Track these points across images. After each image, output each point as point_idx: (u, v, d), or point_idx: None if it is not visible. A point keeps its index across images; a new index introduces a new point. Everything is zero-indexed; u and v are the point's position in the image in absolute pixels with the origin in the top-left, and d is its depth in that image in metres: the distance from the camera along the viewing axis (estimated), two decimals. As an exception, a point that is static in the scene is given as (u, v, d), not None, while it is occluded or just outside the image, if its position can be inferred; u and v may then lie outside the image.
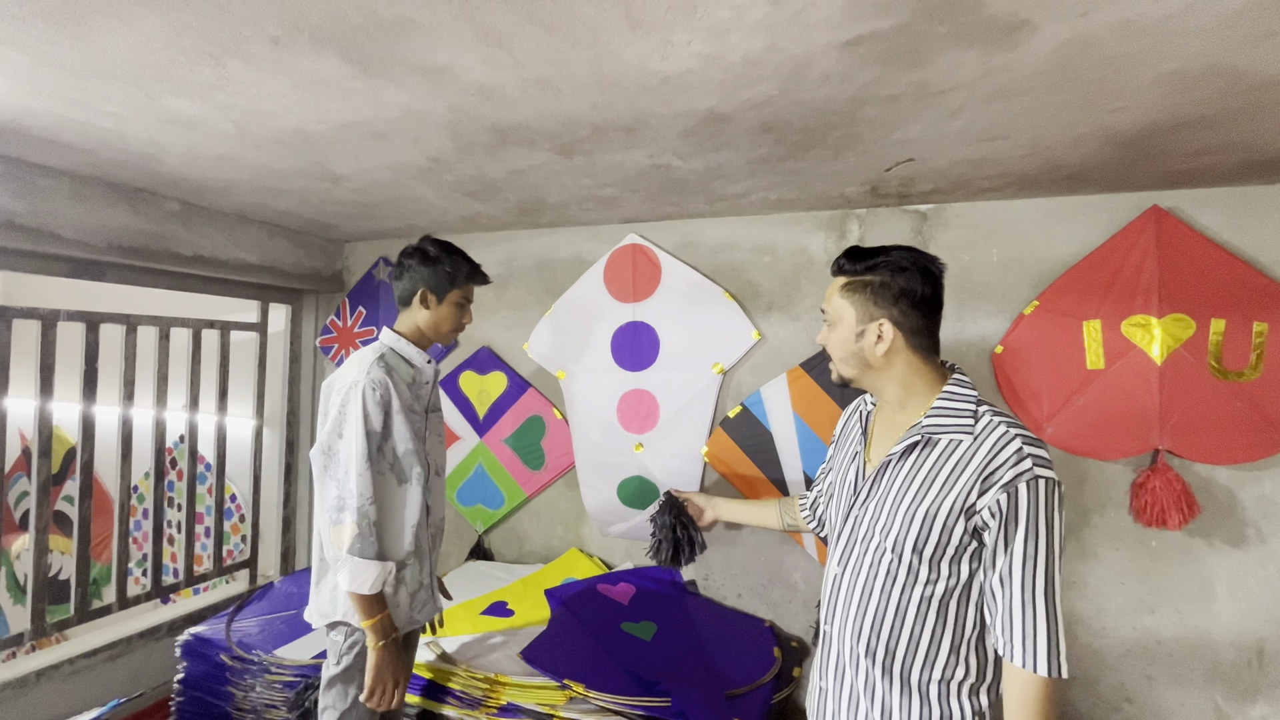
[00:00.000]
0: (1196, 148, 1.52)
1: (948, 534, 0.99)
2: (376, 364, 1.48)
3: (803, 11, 0.99)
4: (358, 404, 1.43)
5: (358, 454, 1.41)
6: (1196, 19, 0.99)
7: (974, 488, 0.98)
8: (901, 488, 1.05)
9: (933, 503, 1.01)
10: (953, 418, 1.04)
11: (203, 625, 2.30)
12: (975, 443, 1.00)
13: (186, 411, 2.53)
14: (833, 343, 1.14)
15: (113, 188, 1.97)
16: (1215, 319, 1.81)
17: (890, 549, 1.05)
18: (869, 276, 1.09)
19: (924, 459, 1.04)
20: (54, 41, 1.11)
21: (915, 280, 1.07)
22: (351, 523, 1.40)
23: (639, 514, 2.36)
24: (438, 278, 1.59)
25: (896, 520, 1.04)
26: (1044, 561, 0.94)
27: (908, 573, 1.03)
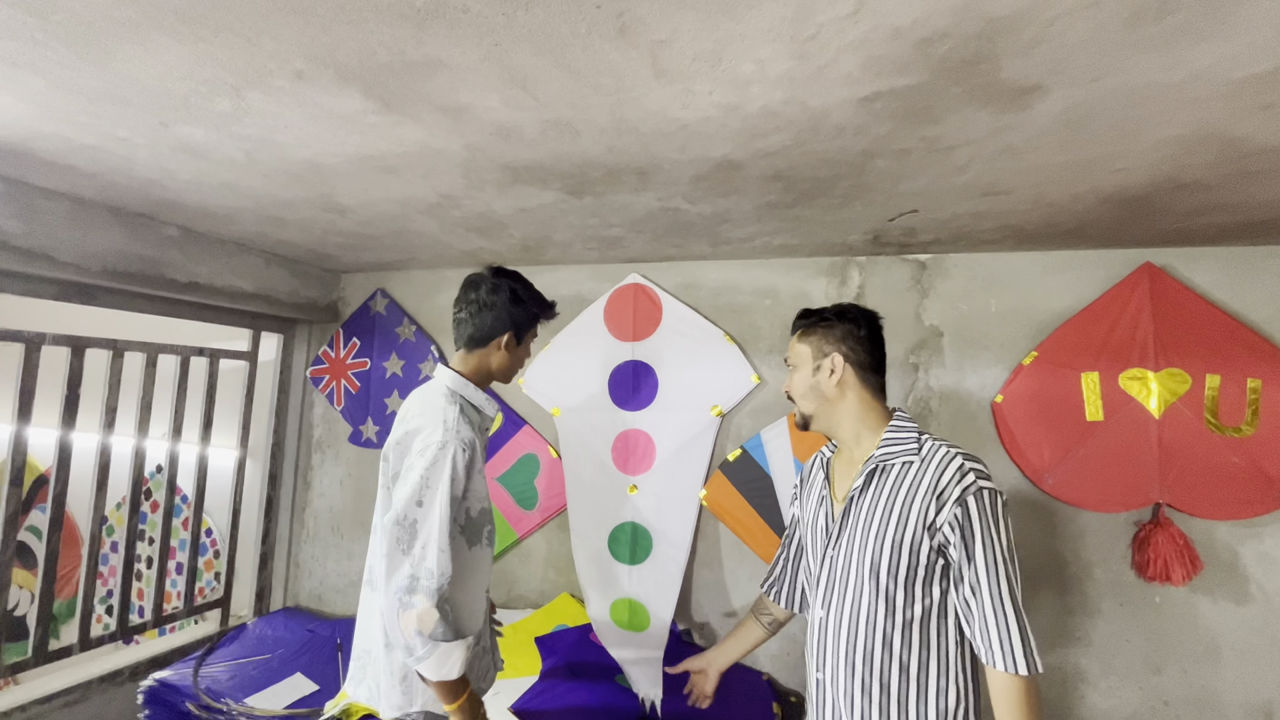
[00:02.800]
0: (1191, 208, 1.57)
1: (916, 555, 1.08)
2: (462, 420, 1.29)
3: (825, 68, 1.01)
4: (446, 468, 1.23)
5: (441, 527, 1.22)
6: (1200, 89, 1.04)
7: (929, 506, 1.08)
8: (868, 518, 1.14)
9: (897, 526, 1.10)
10: (900, 445, 1.16)
11: (168, 670, 2.18)
12: (922, 465, 1.12)
13: (168, 440, 2.44)
14: (795, 384, 1.28)
15: (112, 211, 1.95)
16: (1210, 374, 1.84)
17: (867, 578, 1.12)
18: (819, 324, 1.27)
19: (882, 487, 1.15)
20: (74, 66, 1.10)
21: (854, 320, 1.25)
22: (430, 606, 1.20)
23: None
24: (524, 318, 1.45)
25: (869, 550, 1.12)
26: (1003, 566, 1.04)
27: (886, 602, 1.09)
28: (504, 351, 1.45)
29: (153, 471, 3.07)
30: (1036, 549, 1.98)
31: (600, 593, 2.26)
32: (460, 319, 1.45)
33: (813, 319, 1.29)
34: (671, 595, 2.21)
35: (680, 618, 2.32)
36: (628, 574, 2.27)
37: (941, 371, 2.11)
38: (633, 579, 2.26)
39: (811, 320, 1.29)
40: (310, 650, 2.34)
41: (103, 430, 2.22)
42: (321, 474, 2.88)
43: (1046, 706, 1.95)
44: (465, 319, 1.44)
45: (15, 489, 1.97)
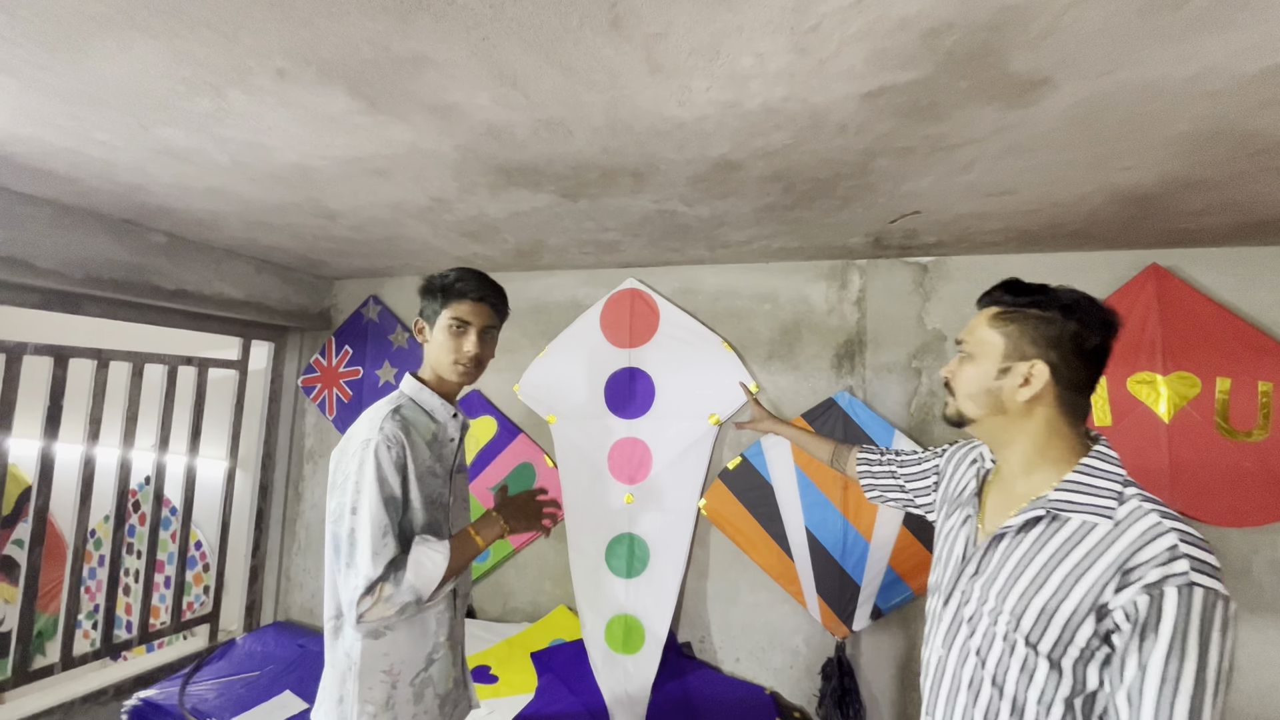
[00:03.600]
0: (1199, 208, 1.54)
1: (1070, 633, 0.83)
2: (390, 417, 1.21)
3: (827, 61, 0.97)
4: (371, 468, 1.15)
5: (372, 528, 1.12)
6: (1214, 82, 1.00)
7: (1109, 583, 0.81)
8: (1016, 569, 0.89)
9: (1054, 594, 0.84)
10: (1090, 495, 0.87)
11: (154, 688, 2.12)
12: (1116, 530, 0.83)
13: (155, 451, 2.39)
14: (964, 376, 0.97)
15: (96, 218, 1.90)
16: (1220, 378, 1.80)
17: (1002, 637, 0.89)
18: (1032, 310, 0.92)
19: (1046, 539, 0.88)
20: (46, 65, 1.06)
21: (1090, 326, 0.90)
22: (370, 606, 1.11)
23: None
24: (426, 299, 1.32)
25: (1007, 606, 0.89)
26: (1190, 691, 0.74)
27: (1021, 668, 0.87)
28: (427, 340, 1.33)
29: (140, 483, 3.01)
30: (1044, 557, 1.93)
31: (595, 610, 2.20)
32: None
33: (1024, 299, 0.93)
34: (668, 608, 2.16)
35: (679, 630, 2.27)
36: (624, 588, 2.21)
37: (945, 376, 2.07)
38: (629, 593, 2.20)
39: (1021, 301, 0.94)
40: (301, 666, 2.28)
41: (87, 441, 2.17)
42: (313, 485, 2.83)
43: None
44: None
45: (-5, 503, 1.92)
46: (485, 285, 1.32)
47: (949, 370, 1.02)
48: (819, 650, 2.11)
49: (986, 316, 0.97)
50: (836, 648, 2.06)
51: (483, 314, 1.31)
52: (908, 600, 2.01)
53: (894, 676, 2.05)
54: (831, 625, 2.06)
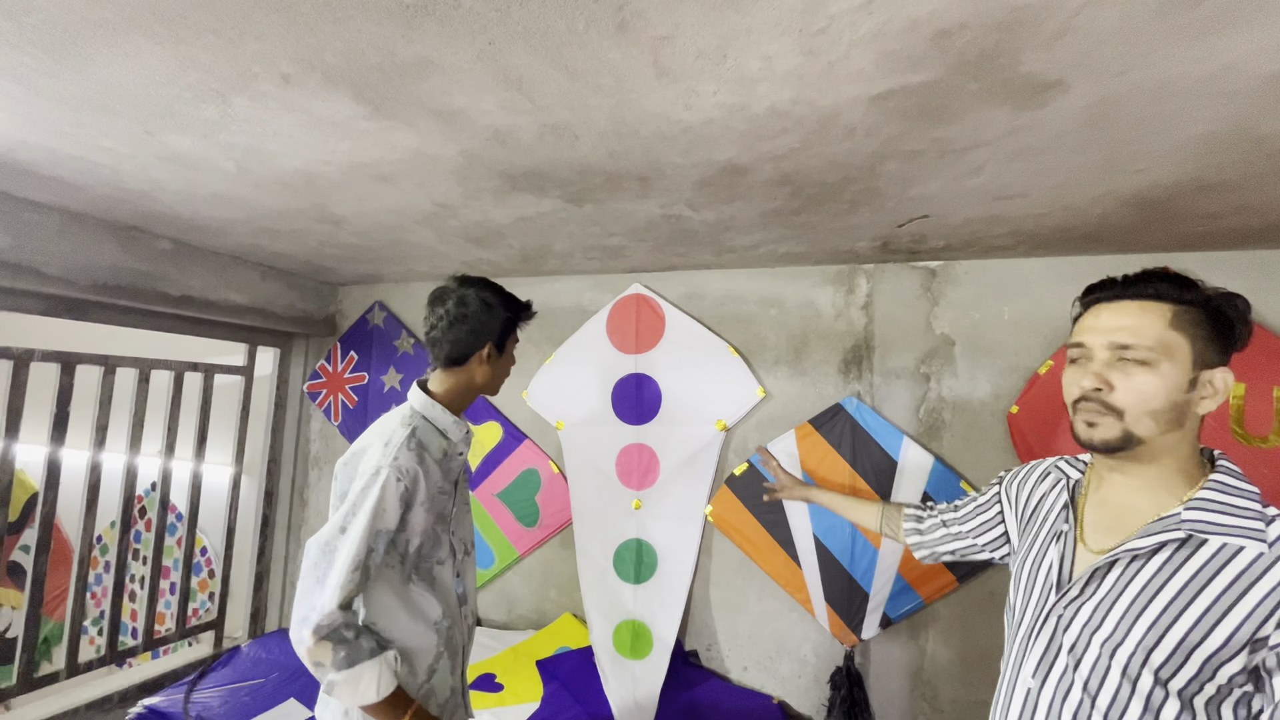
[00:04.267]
0: (1214, 210, 1.51)
1: (1213, 669, 0.74)
2: (405, 446, 1.19)
3: (836, 64, 0.96)
4: (373, 497, 1.13)
5: (351, 557, 1.10)
6: (1230, 83, 0.98)
7: (1272, 615, 0.72)
8: (1142, 595, 0.79)
9: (1195, 626, 0.75)
10: (1231, 516, 0.77)
11: (159, 696, 2.11)
12: (1271, 553, 0.75)
13: (161, 458, 2.39)
14: (1144, 390, 0.80)
15: (103, 224, 1.91)
16: (1235, 383, 1.77)
17: (1119, 671, 0.79)
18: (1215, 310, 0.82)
19: (1180, 563, 0.79)
20: (53, 73, 1.06)
21: (1246, 324, 0.82)
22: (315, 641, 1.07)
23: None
24: (500, 326, 1.32)
25: (1134, 636, 0.79)
26: None
27: (1144, 706, 0.78)
28: (486, 365, 1.33)
29: (146, 489, 3.02)
30: (1057, 565, 1.90)
31: (604, 617, 2.19)
32: (434, 338, 1.32)
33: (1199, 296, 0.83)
34: (675, 614, 2.14)
35: (687, 638, 2.24)
36: (632, 594, 2.19)
37: (954, 381, 2.05)
38: (637, 599, 2.18)
39: (1196, 295, 0.83)
40: (305, 674, 2.26)
41: (94, 448, 2.17)
42: (318, 491, 2.82)
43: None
44: (439, 337, 1.31)
45: (1, 509, 1.92)
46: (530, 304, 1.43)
47: (1103, 382, 0.83)
48: (827, 659, 2.08)
49: (1165, 315, 0.82)
50: (845, 657, 2.03)
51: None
52: (917, 609, 1.98)
53: (904, 686, 2.02)
54: (840, 634, 2.03)
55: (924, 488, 1.99)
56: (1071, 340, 0.91)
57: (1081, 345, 0.88)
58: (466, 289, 1.32)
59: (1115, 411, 0.82)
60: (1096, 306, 0.90)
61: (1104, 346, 0.85)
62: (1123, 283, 0.88)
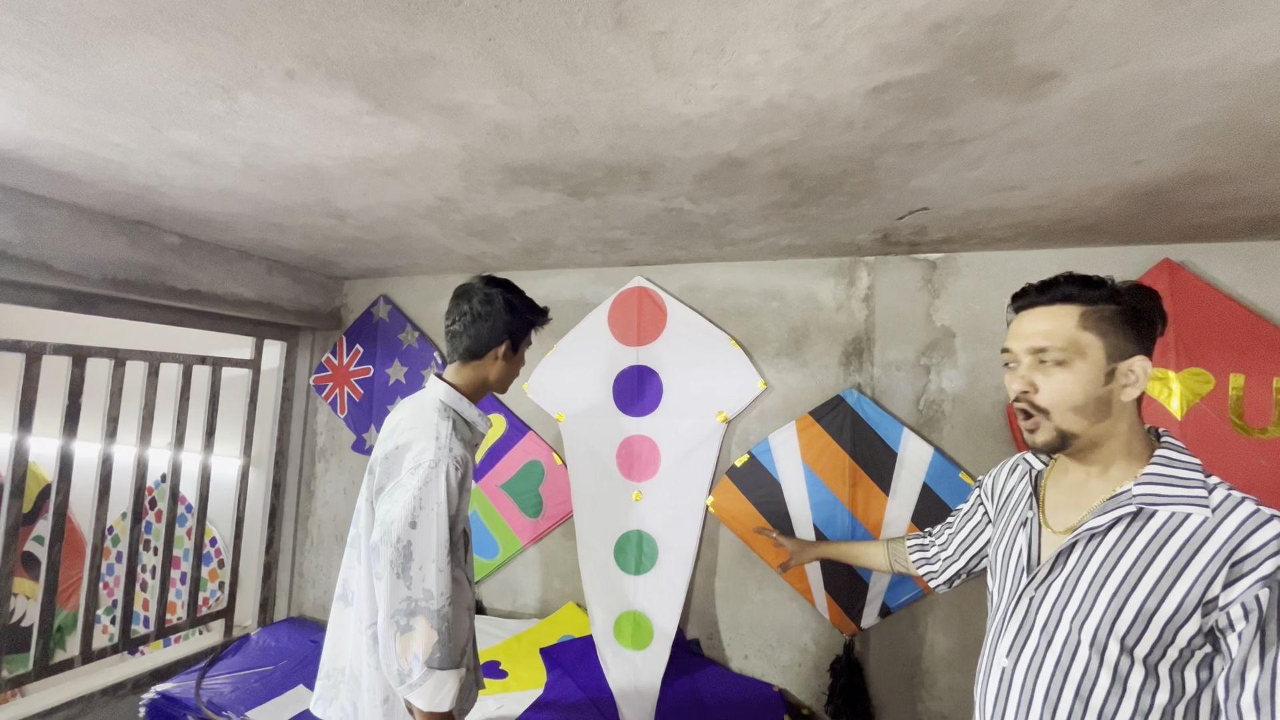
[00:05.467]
0: (1214, 201, 1.52)
1: (1172, 633, 0.79)
2: (456, 437, 1.26)
3: (833, 57, 0.97)
4: (440, 487, 1.20)
5: (439, 547, 1.18)
6: (1227, 74, 0.99)
7: (1216, 577, 0.76)
8: (1104, 569, 0.85)
9: (1151, 592, 0.80)
10: (1176, 487, 0.83)
11: (171, 682, 2.15)
12: (1214, 518, 0.80)
13: (170, 450, 2.43)
14: (1062, 389, 0.87)
15: (112, 219, 1.94)
16: (1234, 374, 1.77)
17: (1088, 643, 0.84)
18: (1119, 303, 0.88)
19: (1134, 536, 0.84)
20: (62, 70, 1.08)
21: (1159, 313, 0.89)
22: (428, 628, 1.15)
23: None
24: (519, 326, 1.42)
25: (1098, 608, 0.84)
26: None
27: (1113, 676, 0.82)
28: (501, 361, 1.42)
29: (157, 481, 3.06)
30: (1056, 555, 1.92)
31: (604, 607, 2.21)
32: (454, 331, 1.40)
33: (1105, 293, 0.89)
34: (676, 605, 2.16)
35: (688, 627, 2.27)
36: (633, 584, 2.22)
37: (954, 374, 2.06)
38: (638, 589, 2.21)
39: (1103, 293, 0.89)
40: (314, 661, 2.30)
41: (105, 440, 2.21)
42: (325, 482, 2.86)
43: None
44: (459, 331, 1.39)
45: (16, 500, 1.96)
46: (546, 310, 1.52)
47: (1029, 384, 0.90)
48: (827, 648, 2.11)
49: (1072, 316, 0.89)
50: (845, 645, 2.05)
51: None
52: (916, 598, 2.00)
53: (903, 674, 2.04)
54: (840, 623, 2.05)
55: (923, 479, 2.00)
56: (1002, 347, 0.98)
57: (1009, 351, 0.96)
58: (492, 288, 1.41)
59: (1043, 412, 0.89)
60: (1019, 314, 0.98)
61: (1025, 351, 0.92)
62: (1037, 289, 0.94)
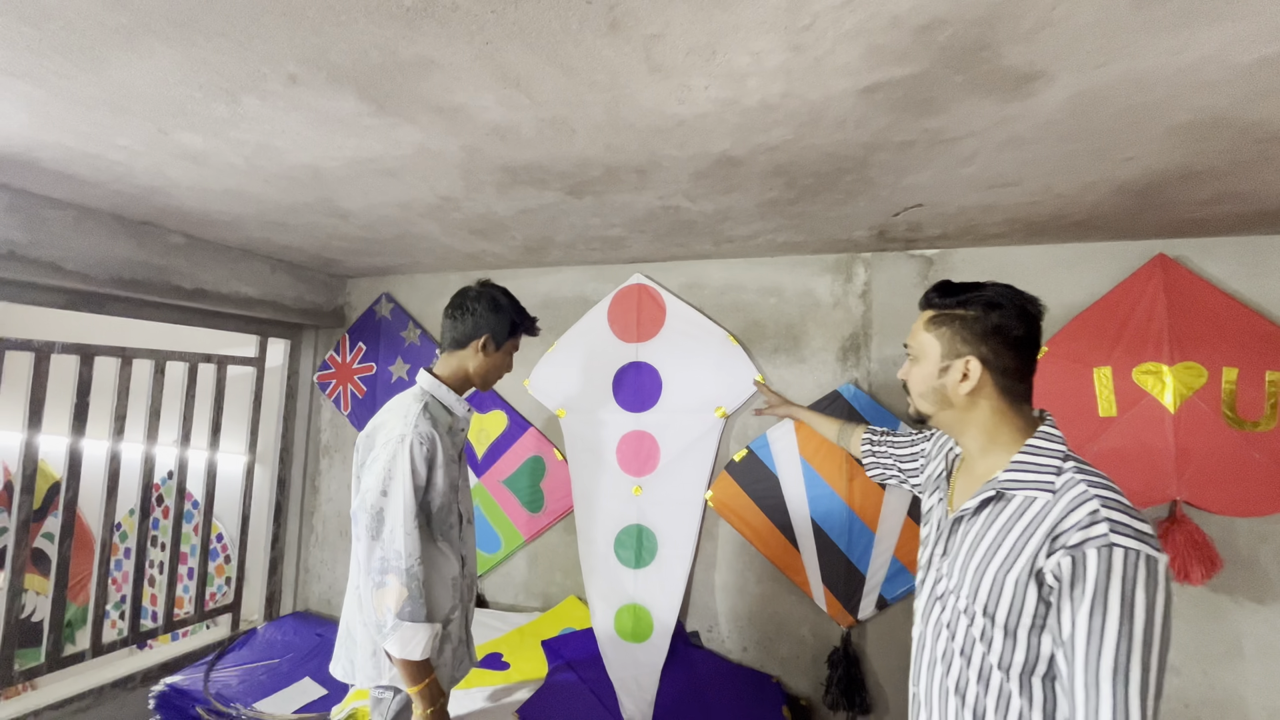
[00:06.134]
0: (1205, 197, 1.53)
1: (1020, 600, 0.89)
2: (422, 415, 1.42)
3: (823, 58, 0.99)
4: (405, 459, 1.36)
5: (405, 512, 1.34)
6: (1211, 73, 1.00)
7: (1043, 549, 0.88)
8: (972, 546, 0.97)
9: (1002, 565, 0.92)
10: (1032, 473, 0.94)
11: (179, 675, 2.19)
12: (1054, 499, 0.90)
13: (177, 447, 2.46)
14: (914, 378, 1.08)
15: (118, 220, 1.97)
16: (1227, 368, 1.79)
17: (964, 611, 0.96)
18: (959, 311, 1.01)
19: (996, 516, 0.95)
20: (69, 75, 1.10)
21: (1010, 318, 0.98)
22: (399, 585, 1.32)
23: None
24: (502, 325, 1.55)
25: (967, 580, 0.96)
26: (1115, 642, 0.79)
27: (983, 637, 0.93)
28: (481, 355, 1.54)
29: (164, 478, 3.10)
30: (1051, 548, 1.94)
31: (605, 601, 2.24)
32: (445, 325, 1.58)
33: (950, 301, 1.02)
34: (675, 598, 2.19)
35: (689, 620, 2.30)
36: (633, 578, 2.25)
37: (950, 368, 2.07)
38: (638, 583, 2.24)
39: (948, 302, 1.03)
40: (319, 655, 2.34)
41: (112, 437, 2.24)
42: (330, 478, 2.89)
43: (1063, 709, 1.90)
44: (450, 324, 1.57)
45: (26, 496, 1.99)
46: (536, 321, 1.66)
47: (903, 373, 1.11)
48: (825, 640, 2.14)
49: (924, 320, 1.06)
50: (842, 637, 2.08)
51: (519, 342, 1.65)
52: (913, 590, 2.03)
53: (900, 665, 2.07)
54: (837, 615, 2.08)
55: (920, 472, 2.03)
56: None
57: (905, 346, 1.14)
58: (486, 288, 1.59)
59: (909, 394, 1.11)
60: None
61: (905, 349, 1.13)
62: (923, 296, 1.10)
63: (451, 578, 1.46)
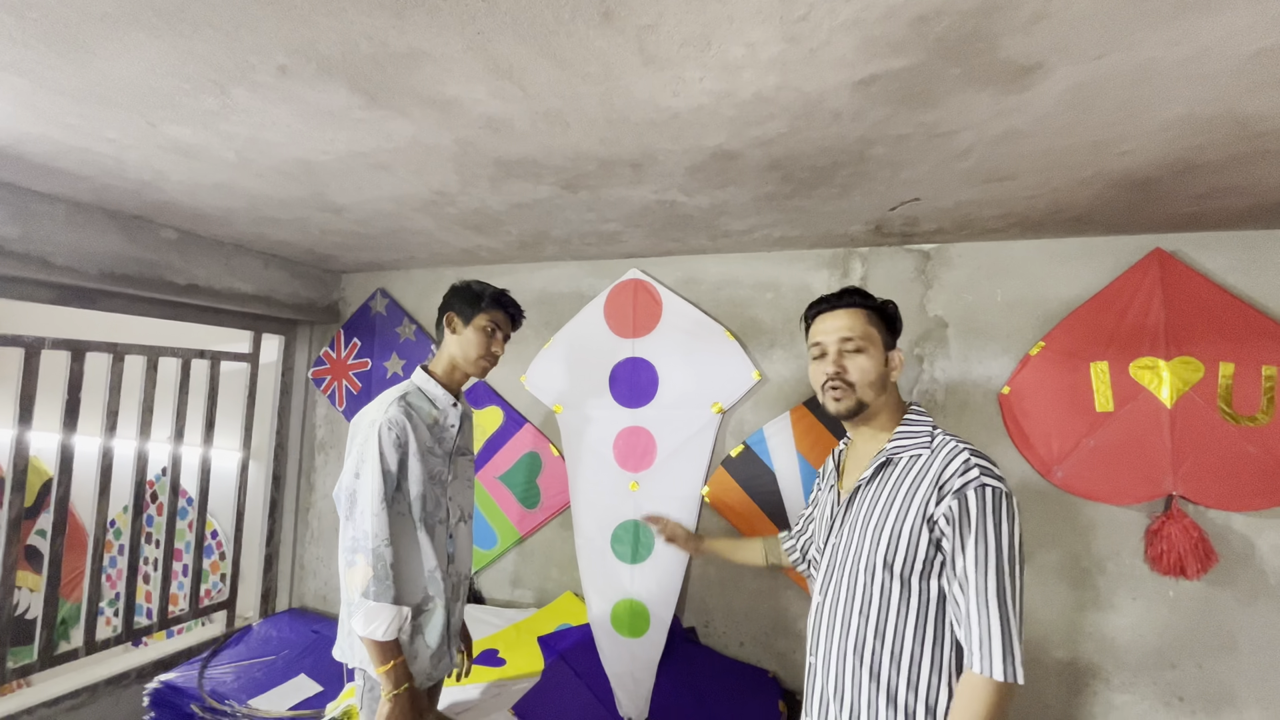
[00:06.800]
0: (1202, 191, 1.53)
1: (914, 547, 1.05)
2: (397, 403, 1.46)
3: (818, 50, 0.98)
4: (374, 444, 1.40)
5: (373, 494, 1.38)
6: (1209, 65, 1.00)
7: (931, 497, 1.05)
8: (869, 509, 1.13)
9: (897, 517, 1.08)
10: (912, 439, 1.14)
11: (174, 672, 2.18)
12: (931, 456, 1.10)
13: (170, 443, 2.45)
14: (863, 368, 1.16)
15: (108, 214, 1.95)
16: (1224, 362, 1.79)
17: (864, 569, 1.10)
18: (882, 312, 1.21)
19: (887, 479, 1.13)
20: (56, 66, 1.09)
21: (899, 320, 1.23)
22: (365, 564, 1.35)
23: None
24: (463, 301, 1.56)
25: (867, 539, 1.11)
26: (995, 565, 0.98)
27: (882, 593, 1.08)
28: (451, 334, 1.56)
29: (157, 474, 3.08)
30: (1046, 543, 1.94)
31: (601, 596, 2.24)
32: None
33: (874, 305, 1.21)
34: (672, 593, 2.19)
35: (685, 615, 2.30)
36: (630, 573, 2.25)
37: (947, 363, 2.07)
38: (635, 578, 2.24)
39: (873, 304, 1.21)
40: (315, 651, 2.34)
41: (105, 434, 2.23)
42: (325, 475, 2.88)
43: (1059, 703, 1.91)
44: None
45: (18, 493, 1.98)
46: (515, 301, 1.64)
47: (839, 366, 1.17)
48: (822, 635, 2.14)
49: (862, 316, 1.19)
50: (839, 632, 2.08)
51: (509, 323, 1.62)
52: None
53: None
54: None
55: (916, 468, 2.03)
56: (810, 343, 1.24)
57: (819, 344, 1.21)
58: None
59: (849, 385, 1.16)
60: (820, 317, 1.24)
61: (834, 342, 1.18)
62: (834, 298, 1.22)
63: (429, 570, 1.47)
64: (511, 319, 1.62)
